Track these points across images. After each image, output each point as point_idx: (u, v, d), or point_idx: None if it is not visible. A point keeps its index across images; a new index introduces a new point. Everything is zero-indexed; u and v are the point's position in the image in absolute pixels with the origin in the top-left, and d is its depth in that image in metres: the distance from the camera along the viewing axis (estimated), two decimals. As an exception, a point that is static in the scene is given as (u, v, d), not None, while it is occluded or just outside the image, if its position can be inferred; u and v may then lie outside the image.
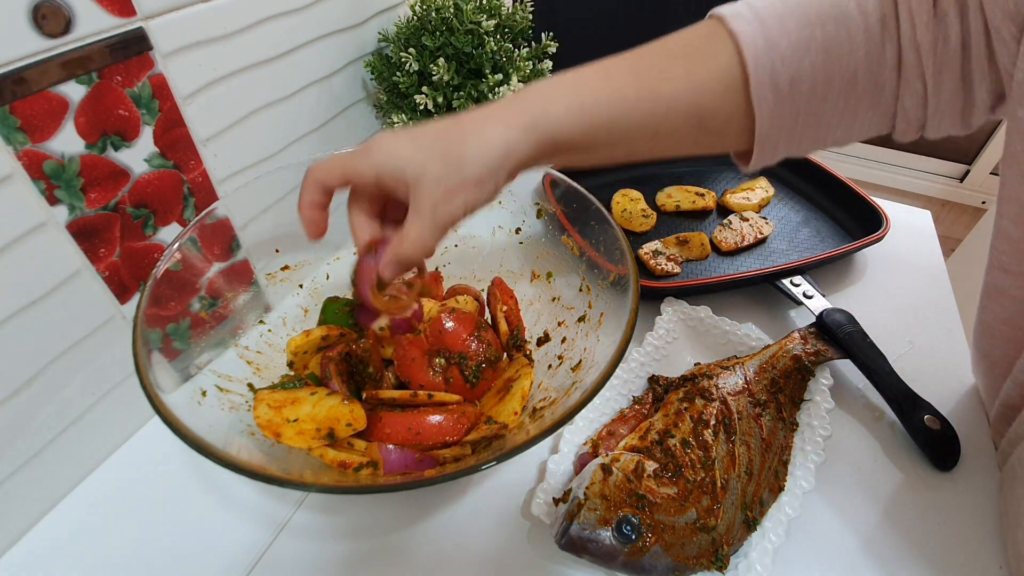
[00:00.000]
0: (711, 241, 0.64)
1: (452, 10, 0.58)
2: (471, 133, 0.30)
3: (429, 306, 0.47)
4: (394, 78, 0.59)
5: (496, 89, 0.57)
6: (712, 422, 0.40)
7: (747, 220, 0.65)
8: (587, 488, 0.35)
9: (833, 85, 0.31)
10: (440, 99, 0.59)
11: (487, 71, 0.58)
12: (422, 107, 0.59)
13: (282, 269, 0.50)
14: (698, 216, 0.70)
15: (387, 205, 0.35)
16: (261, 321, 0.48)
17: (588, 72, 0.33)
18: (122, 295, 0.42)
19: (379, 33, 0.63)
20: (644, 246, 0.62)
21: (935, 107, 0.31)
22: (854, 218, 0.66)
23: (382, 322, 0.42)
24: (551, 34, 0.63)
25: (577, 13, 0.71)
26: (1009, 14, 0.28)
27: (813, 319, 0.51)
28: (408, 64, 0.58)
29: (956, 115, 0.32)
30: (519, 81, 0.58)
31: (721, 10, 0.33)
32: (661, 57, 0.33)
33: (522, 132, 0.31)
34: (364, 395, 0.40)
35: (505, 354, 0.46)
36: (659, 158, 0.35)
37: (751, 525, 0.37)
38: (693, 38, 0.33)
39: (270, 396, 0.37)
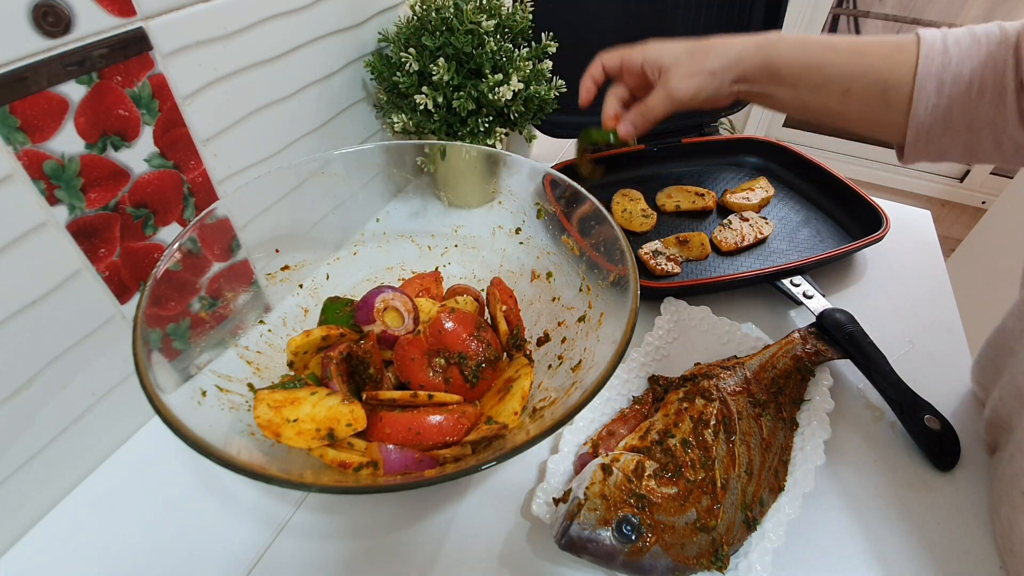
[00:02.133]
0: (711, 241, 0.64)
1: (452, 10, 0.58)
2: (719, 42, 0.43)
3: (429, 306, 0.47)
4: (394, 78, 0.59)
5: (496, 89, 0.57)
6: (712, 422, 0.40)
7: (747, 220, 0.65)
8: (587, 488, 0.35)
9: (985, 96, 0.35)
10: (440, 99, 0.59)
11: (487, 71, 0.58)
12: (422, 107, 0.59)
13: (282, 269, 0.51)
14: (698, 216, 0.70)
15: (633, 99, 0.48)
16: (261, 321, 0.48)
17: (812, 35, 0.42)
18: (122, 295, 0.42)
19: (379, 33, 0.63)
20: (644, 246, 0.62)
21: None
22: (854, 218, 0.66)
23: (376, 329, 0.44)
24: (551, 34, 0.63)
25: (577, 13, 0.71)
26: None
27: (813, 319, 0.51)
28: (408, 64, 0.58)
29: None
30: (519, 82, 0.58)
31: (921, 30, 0.39)
32: (863, 39, 0.40)
33: (754, 48, 0.42)
34: (364, 395, 0.40)
35: (505, 354, 0.46)
36: (842, 126, 0.42)
37: (751, 525, 0.37)
38: (894, 38, 0.39)
39: (270, 396, 0.37)
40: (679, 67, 0.43)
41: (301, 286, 0.52)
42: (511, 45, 0.61)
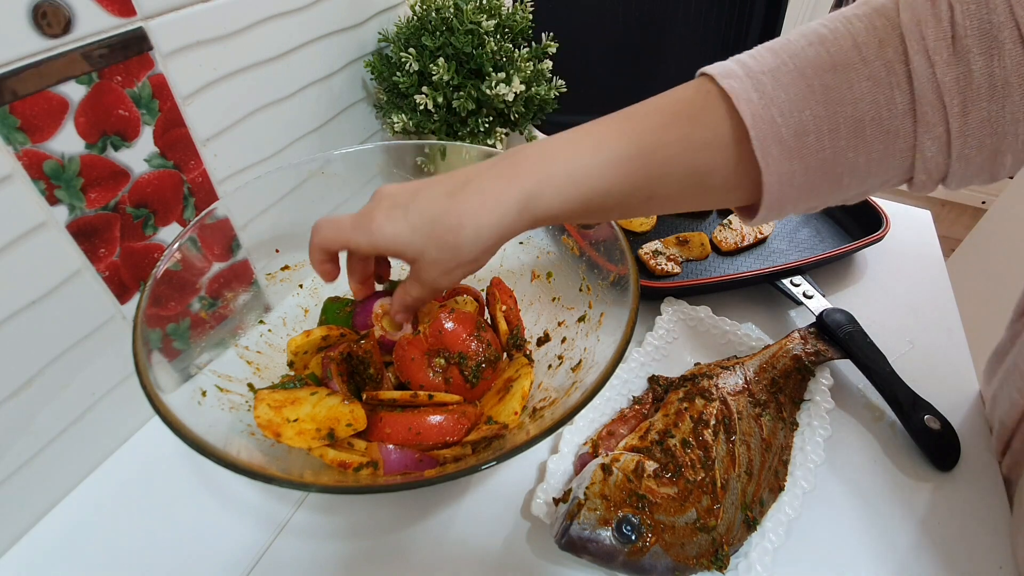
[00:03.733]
0: (711, 241, 0.64)
1: (452, 10, 0.58)
2: (468, 219, 0.31)
3: (428, 306, 0.47)
4: (394, 78, 0.59)
5: (496, 88, 0.57)
6: (712, 422, 0.40)
7: (747, 220, 0.65)
8: (587, 488, 0.35)
9: (840, 133, 0.29)
10: (440, 99, 0.59)
11: (487, 71, 0.58)
12: (422, 107, 0.59)
13: (282, 269, 0.51)
14: (698, 216, 0.70)
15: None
16: (261, 321, 0.48)
17: (582, 142, 0.32)
18: (122, 295, 0.42)
19: (379, 33, 0.63)
20: (644, 246, 0.62)
21: (960, 151, 0.29)
22: (854, 218, 0.66)
23: (375, 333, 0.44)
24: (551, 34, 0.63)
25: (577, 13, 0.71)
26: None
27: (813, 319, 0.51)
28: (408, 64, 0.58)
29: (984, 160, 0.30)
30: (520, 83, 0.58)
31: (710, 69, 0.31)
32: (654, 120, 0.32)
33: (516, 216, 0.31)
34: (364, 395, 0.40)
35: (505, 354, 0.46)
36: (657, 214, 0.34)
37: (751, 525, 0.37)
38: (685, 99, 0.32)
39: (270, 396, 0.37)
40: (429, 264, 0.33)
41: (301, 286, 0.52)
42: (511, 45, 0.61)
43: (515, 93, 0.59)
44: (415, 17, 0.61)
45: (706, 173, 0.31)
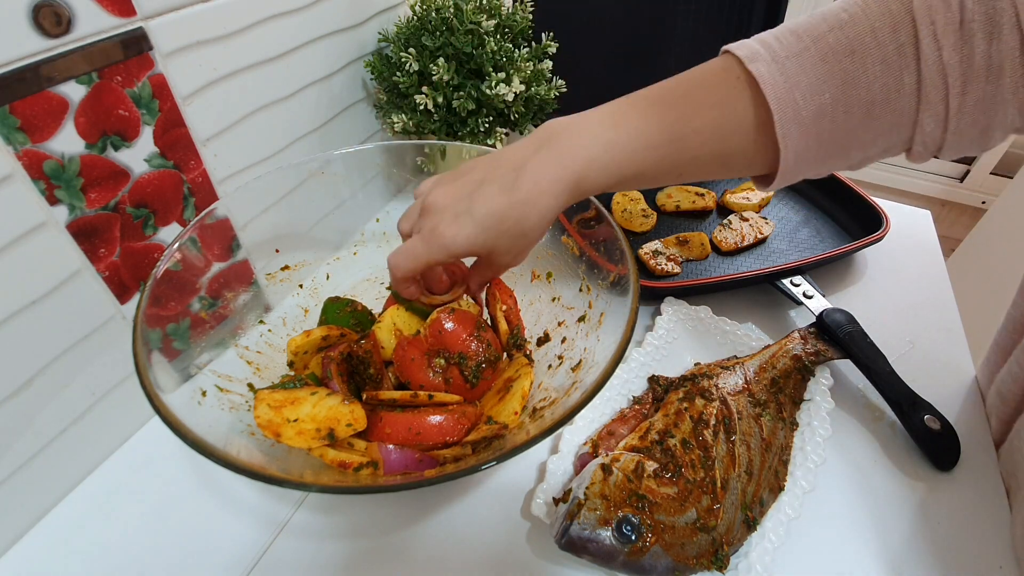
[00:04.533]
0: (711, 241, 0.64)
1: (452, 10, 0.58)
2: (530, 208, 0.35)
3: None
4: (394, 78, 0.59)
5: (496, 87, 0.57)
6: (712, 422, 0.40)
7: (747, 220, 0.65)
8: (587, 488, 0.35)
9: (853, 115, 0.32)
10: (440, 99, 0.59)
11: (487, 71, 0.58)
12: (422, 107, 0.59)
13: (282, 269, 0.51)
14: (698, 216, 0.70)
15: None
16: (261, 321, 0.48)
17: (620, 127, 0.35)
18: (122, 295, 0.42)
19: (379, 33, 0.63)
20: (644, 246, 0.62)
21: (955, 128, 0.32)
22: (854, 218, 0.66)
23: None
24: (551, 34, 0.63)
25: (577, 13, 0.71)
26: None
27: (813, 319, 0.51)
28: (408, 64, 0.58)
29: (976, 135, 0.32)
30: (520, 83, 0.58)
31: (737, 50, 0.33)
32: (686, 108, 0.34)
33: (568, 195, 0.35)
34: (364, 395, 0.40)
35: (505, 354, 0.46)
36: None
37: (751, 525, 0.37)
38: (713, 83, 0.34)
39: (270, 396, 0.37)
40: (501, 254, 0.37)
41: (301, 286, 0.52)
42: (511, 45, 0.61)
43: (515, 93, 0.59)
44: (415, 17, 0.61)
45: (731, 155, 0.35)
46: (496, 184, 0.35)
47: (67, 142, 0.36)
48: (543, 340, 0.48)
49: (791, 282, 0.56)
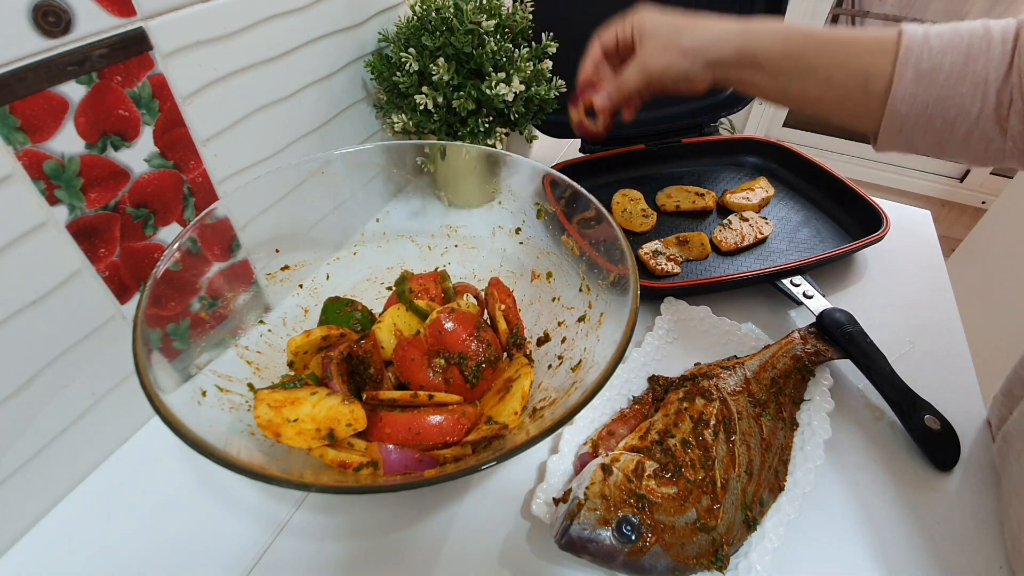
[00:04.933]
0: (711, 241, 0.64)
1: (452, 10, 0.58)
2: (700, 23, 0.42)
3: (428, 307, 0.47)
4: (394, 78, 0.59)
5: (496, 87, 0.57)
6: (712, 422, 0.40)
7: (747, 220, 0.65)
8: (587, 488, 0.35)
9: (963, 87, 0.35)
10: (440, 99, 0.59)
11: (487, 71, 0.58)
12: (422, 107, 0.59)
13: (282, 269, 0.50)
14: (698, 216, 0.70)
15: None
16: (261, 321, 0.48)
17: (785, 24, 0.41)
18: (122, 295, 0.42)
19: (379, 33, 0.63)
20: (644, 246, 0.62)
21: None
22: (854, 218, 0.66)
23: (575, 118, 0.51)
24: (551, 34, 0.63)
25: (577, 13, 0.71)
26: None
27: (813, 319, 0.51)
28: (408, 64, 0.58)
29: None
30: (520, 83, 0.58)
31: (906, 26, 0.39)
32: (846, 30, 0.40)
33: (733, 34, 0.41)
34: (364, 395, 0.40)
35: (505, 354, 0.46)
36: (819, 112, 0.41)
37: (751, 525, 0.37)
38: (872, 30, 0.39)
39: (270, 396, 0.37)
40: (656, 39, 0.42)
41: (301, 286, 0.52)
42: (511, 45, 0.61)
43: (515, 93, 0.58)
44: (415, 17, 0.61)
45: (874, 75, 0.37)
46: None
47: (67, 142, 0.36)
48: (543, 340, 0.48)
49: (791, 282, 0.56)
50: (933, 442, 0.43)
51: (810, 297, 0.53)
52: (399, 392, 0.40)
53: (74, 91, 0.35)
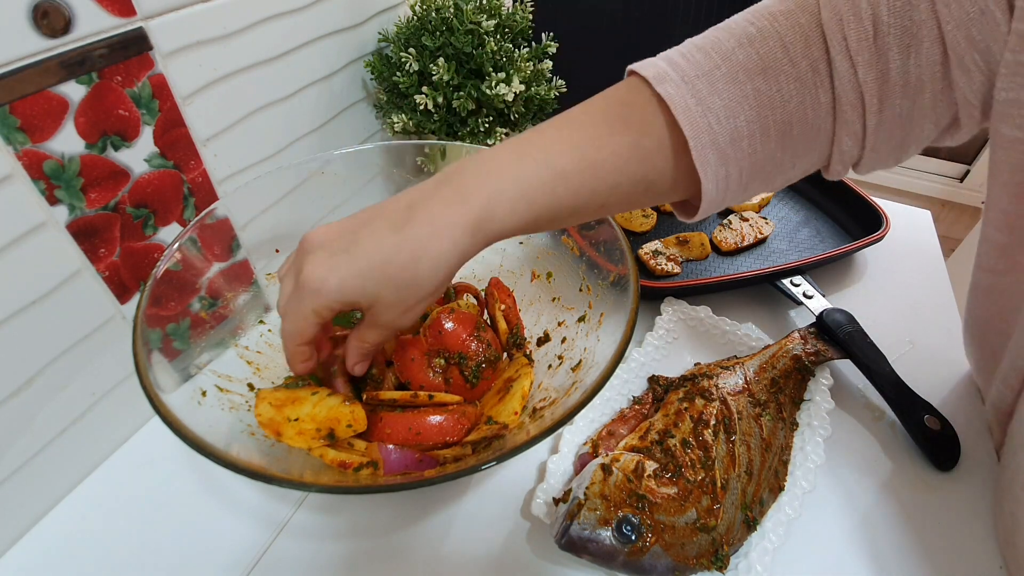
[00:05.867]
0: (711, 241, 0.64)
1: (452, 10, 0.58)
2: (422, 252, 0.29)
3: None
4: (394, 78, 0.59)
5: (496, 87, 0.57)
6: (712, 422, 0.40)
7: (747, 220, 0.65)
8: (587, 488, 0.35)
9: (770, 136, 0.30)
10: (440, 99, 0.59)
11: (487, 71, 0.58)
12: (422, 107, 0.59)
13: (282, 269, 0.50)
14: (698, 216, 0.70)
15: None
16: (261, 321, 0.48)
17: (527, 156, 0.31)
18: (122, 295, 0.42)
19: (379, 33, 0.63)
20: (644, 246, 0.62)
21: (872, 144, 0.31)
22: (854, 218, 0.66)
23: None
24: (551, 34, 0.63)
25: (577, 13, 0.71)
26: (973, 43, 0.27)
27: (813, 319, 0.51)
28: (408, 64, 0.58)
29: (892, 149, 0.31)
30: (520, 83, 0.58)
31: (643, 70, 0.31)
32: (600, 129, 0.31)
33: (469, 238, 0.30)
34: (364, 396, 0.40)
35: (505, 354, 0.46)
36: (608, 216, 0.37)
37: (751, 525, 0.37)
38: (624, 102, 0.32)
39: (272, 394, 0.37)
40: (386, 307, 0.31)
41: (301, 286, 0.52)
42: (511, 45, 0.61)
43: (515, 93, 0.58)
44: (415, 17, 0.61)
45: (653, 180, 0.32)
46: (385, 221, 0.29)
47: (67, 142, 0.36)
48: (543, 340, 0.48)
49: (791, 282, 0.56)
50: (933, 442, 0.43)
51: (810, 297, 0.53)
52: (399, 392, 0.40)
53: (74, 91, 0.35)
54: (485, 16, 0.58)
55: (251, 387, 0.41)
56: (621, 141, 0.31)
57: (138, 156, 0.40)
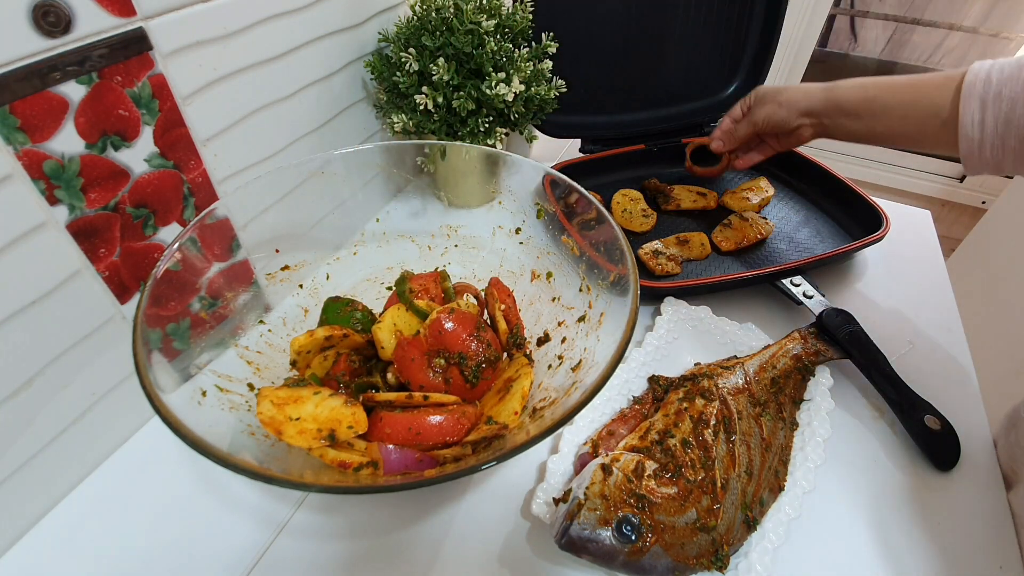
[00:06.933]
0: (711, 241, 0.64)
1: (452, 10, 0.58)
2: (799, 84, 0.55)
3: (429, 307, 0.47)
4: (394, 78, 0.59)
5: (496, 87, 0.57)
6: (712, 422, 0.40)
7: (747, 220, 0.65)
8: (587, 488, 0.35)
9: (1017, 112, 0.39)
10: (440, 99, 0.59)
11: (487, 71, 0.58)
12: (422, 107, 0.59)
13: (282, 269, 0.50)
14: (698, 216, 0.70)
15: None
16: (261, 321, 0.48)
17: (865, 79, 0.51)
18: (122, 295, 0.42)
19: (379, 33, 0.63)
20: (644, 246, 0.62)
21: None
22: (854, 218, 0.66)
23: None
24: (551, 34, 0.63)
25: (577, 13, 0.71)
26: None
27: (813, 319, 0.51)
28: (408, 64, 0.58)
29: None
30: (520, 82, 0.58)
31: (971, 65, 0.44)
32: (917, 75, 0.47)
33: (820, 89, 0.53)
34: (361, 396, 0.40)
35: (505, 354, 0.46)
36: (911, 147, 0.49)
37: (751, 525, 0.37)
38: (943, 72, 0.46)
39: (273, 393, 0.37)
40: (762, 99, 0.57)
41: (301, 286, 0.52)
42: (511, 45, 0.61)
43: (515, 93, 0.58)
44: (415, 17, 0.61)
45: (946, 110, 0.43)
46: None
47: (67, 142, 0.36)
48: (543, 340, 0.48)
49: (791, 282, 0.56)
50: (933, 442, 0.43)
51: (810, 297, 0.53)
52: (394, 393, 0.40)
53: (74, 91, 0.35)
54: (485, 16, 0.58)
55: (251, 387, 0.41)
56: (929, 77, 0.47)
57: (138, 156, 0.40)
